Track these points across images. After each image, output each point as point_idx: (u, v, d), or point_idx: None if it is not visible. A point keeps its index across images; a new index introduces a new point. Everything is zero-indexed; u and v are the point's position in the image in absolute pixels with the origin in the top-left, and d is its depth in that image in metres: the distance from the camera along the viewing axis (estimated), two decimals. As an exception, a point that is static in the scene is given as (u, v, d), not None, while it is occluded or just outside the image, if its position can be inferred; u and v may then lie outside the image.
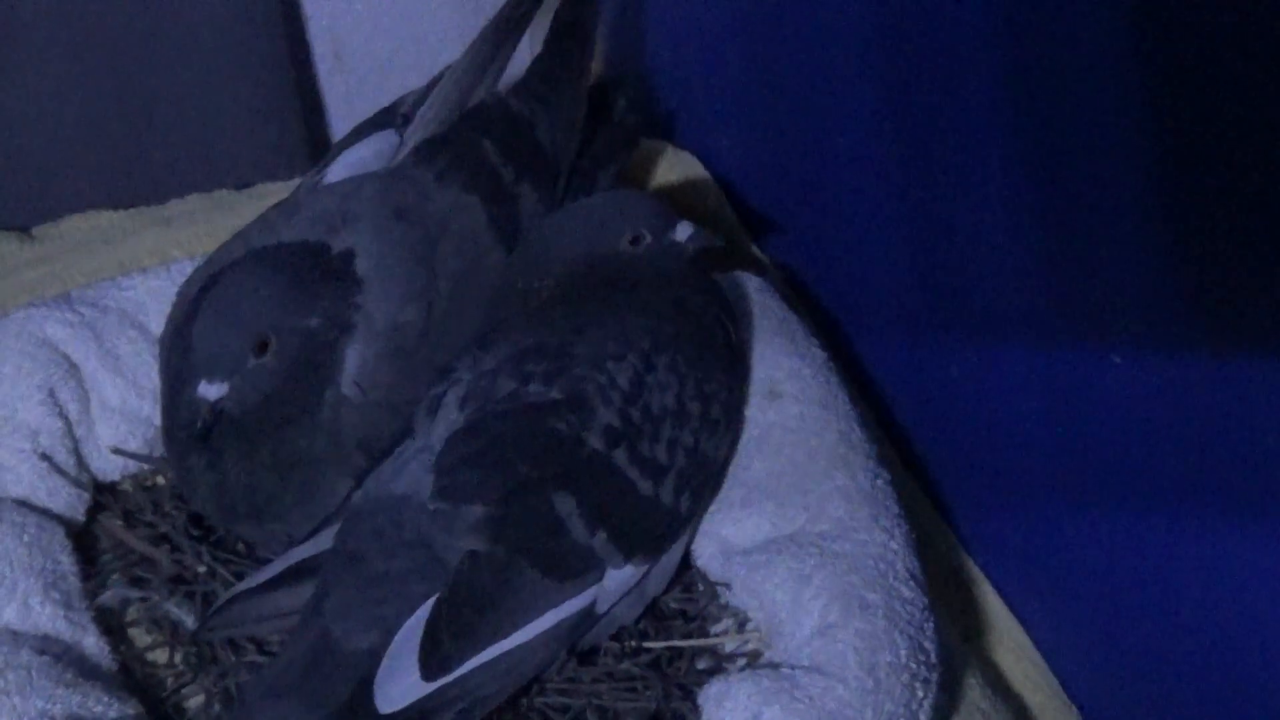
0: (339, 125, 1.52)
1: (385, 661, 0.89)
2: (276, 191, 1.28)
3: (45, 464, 1.05)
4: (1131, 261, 0.91)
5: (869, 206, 1.19)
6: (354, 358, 1.01)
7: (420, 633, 0.90)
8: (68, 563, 1.02)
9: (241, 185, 1.35)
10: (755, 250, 1.32)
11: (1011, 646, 1.10)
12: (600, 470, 0.97)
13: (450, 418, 0.98)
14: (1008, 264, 1.04)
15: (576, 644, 0.97)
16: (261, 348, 0.98)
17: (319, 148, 1.45)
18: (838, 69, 1.18)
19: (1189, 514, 0.93)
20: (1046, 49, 0.93)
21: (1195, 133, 0.84)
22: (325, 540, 0.97)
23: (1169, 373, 0.92)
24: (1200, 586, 0.94)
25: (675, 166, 1.37)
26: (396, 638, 0.90)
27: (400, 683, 0.89)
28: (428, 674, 0.89)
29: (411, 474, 0.96)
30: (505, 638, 0.91)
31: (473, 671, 0.90)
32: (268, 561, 1.01)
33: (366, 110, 1.21)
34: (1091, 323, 0.98)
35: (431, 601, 0.91)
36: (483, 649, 0.91)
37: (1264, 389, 0.84)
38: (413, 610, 0.91)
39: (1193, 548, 0.93)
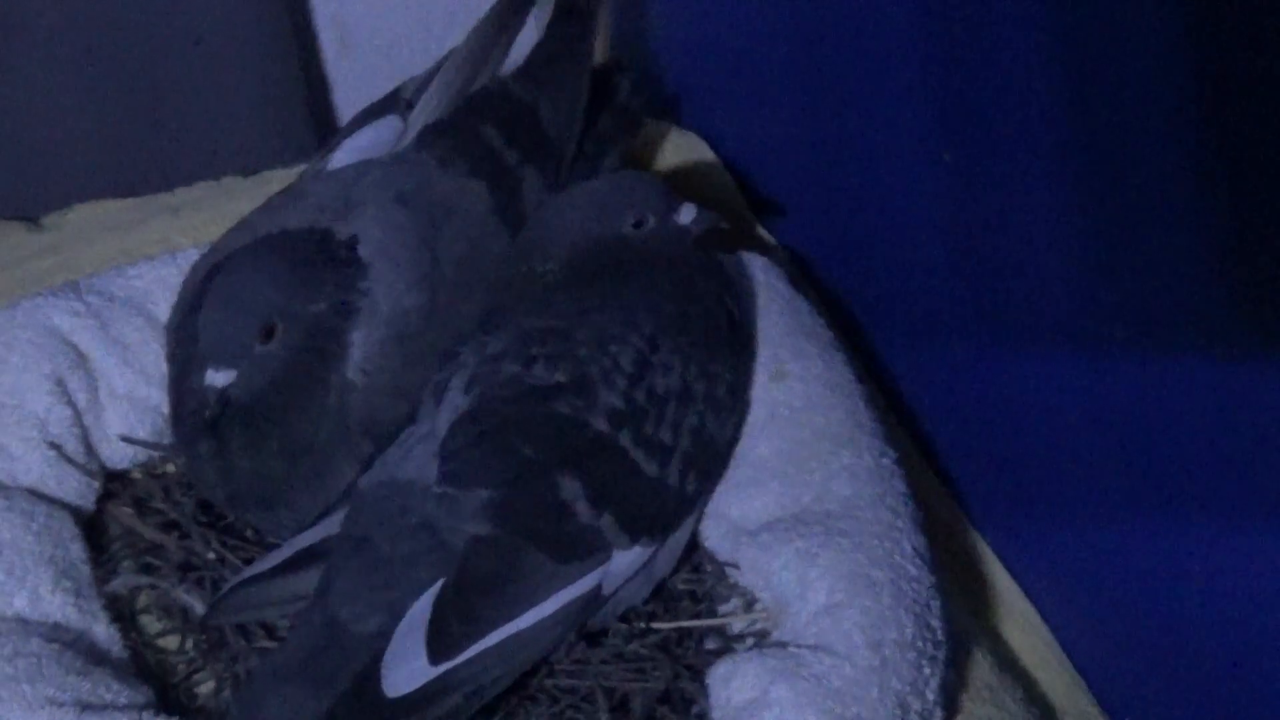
0: (346, 111, 1.52)
1: (392, 645, 0.90)
2: (283, 178, 1.27)
3: (54, 453, 1.05)
4: (1168, 260, 0.91)
5: (880, 189, 1.18)
6: (359, 343, 1.01)
7: (427, 617, 0.90)
8: (77, 551, 1.02)
9: (249, 172, 1.34)
10: (762, 232, 1.32)
11: (1021, 624, 1.10)
12: (605, 452, 0.97)
13: (455, 402, 0.98)
14: (1020, 248, 1.04)
15: (584, 626, 0.97)
16: (268, 334, 0.98)
17: (326, 134, 1.45)
18: (848, 48, 1.18)
19: (1201, 497, 0.93)
20: (1084, 33, 0.93)
21: (1241, 136, 0.83)
22: (332, 525, 0.97)
23: (1175, 360, 0.92)
24: (1210, 567, 0.94)
25: (681, 148, 1.37)
26: (403, 622, 0.90)
27: (407, 666, 0.89)
28: (435, 658, 0.89)
29: (417, 459, 0.96)
30: (512, 621, 0.92)
31: (479, 655, 0.91)
32: (276, 547, 1.01)
33: (373, 95, 1.21)
34: (1106, 309, 0.97)
35: (438, 586, 0.91)
36: (489, 632, 0.91)
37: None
38: (419, 594, 0.91)
39: (1205, 530, 0.93)
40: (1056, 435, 1.05)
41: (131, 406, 1.10)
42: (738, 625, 1.01)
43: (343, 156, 1.13)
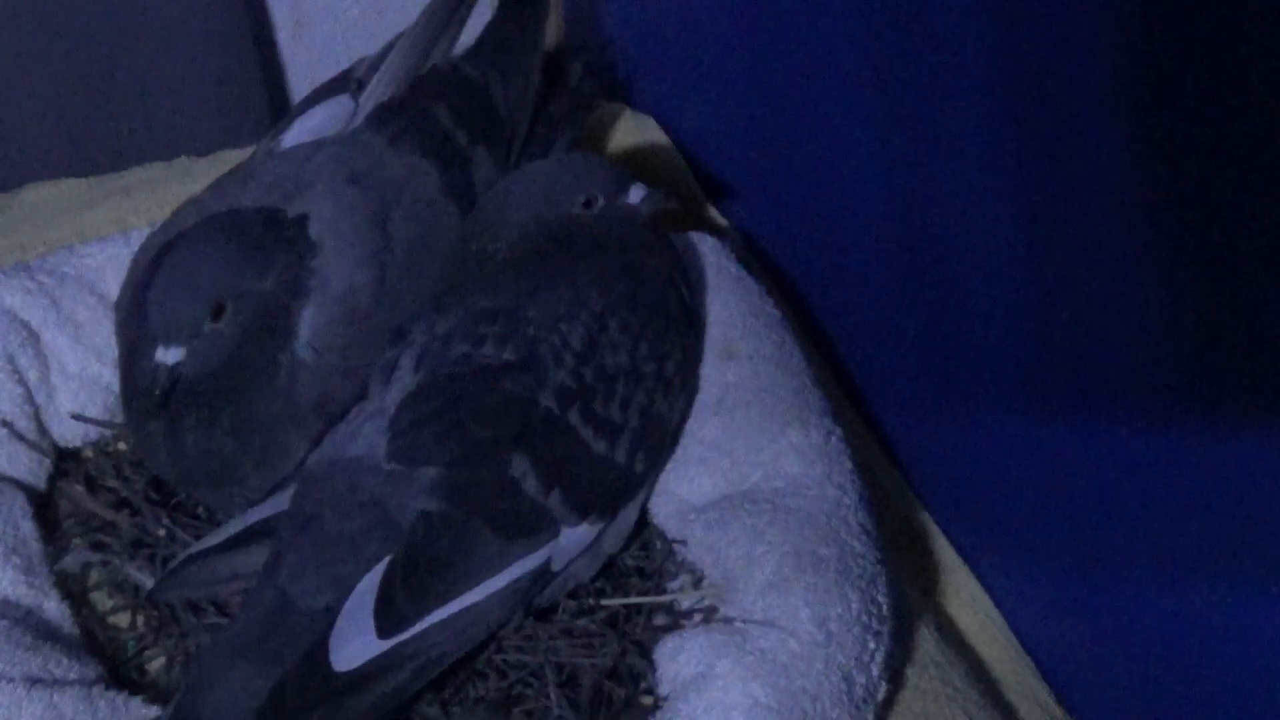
0: (300, 92, 1.52)
1: (340, 621, 0.90)
2: (237, 159, 1.27)
3: (5, 430, 1.05)
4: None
5: (829, 171, 1.19)
6: (309, 321, 1.02)
7: (375, 592, 0.91)
8: (28, 528, 1.02)
9: (202, 153, 1.34)
10: (713, 213, 1.33)
11: (968, 600, 1.11)
12: (554, 430, 0.97)
13: (404, 380, 0.99)
14: (966, 228, 1.04)
15: (533, 602, 0.98)
16: (217, 312, 0.99)
17: (280, 115, 1.44)
18: (800, 32, 1.18)
19: (1144, 480, 0.94)
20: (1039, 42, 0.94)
21: (1197, 186, 0.84)
22: (281, 502, 0.98)
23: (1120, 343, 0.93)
24: (1155, 542, 0.95)
25: (634, 130, 1.38)
26: (351, 597, 0.91)
27: (356, 641, 0.90)
28: (383, 632, 0.90)
29: (366, 436, 0.97)
30: (460, 596, 0.92)
31: (428, 630, 0.91)
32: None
33: (328, 77, 1.21)
34: (1052, 282, 0.98)
35: (386, 561, 0.92)
36: (437, 608, 0.91)
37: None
38: (368, 570, 0.92)
39: (1153, 509, 0.94)
40: (1002, 412, 1.06)
41: (83, 385, 1.10)
42: (686, 601, 1.01)
43: (294, 136, 1.13)
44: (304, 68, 1.53)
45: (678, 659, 0.94)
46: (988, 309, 1.05)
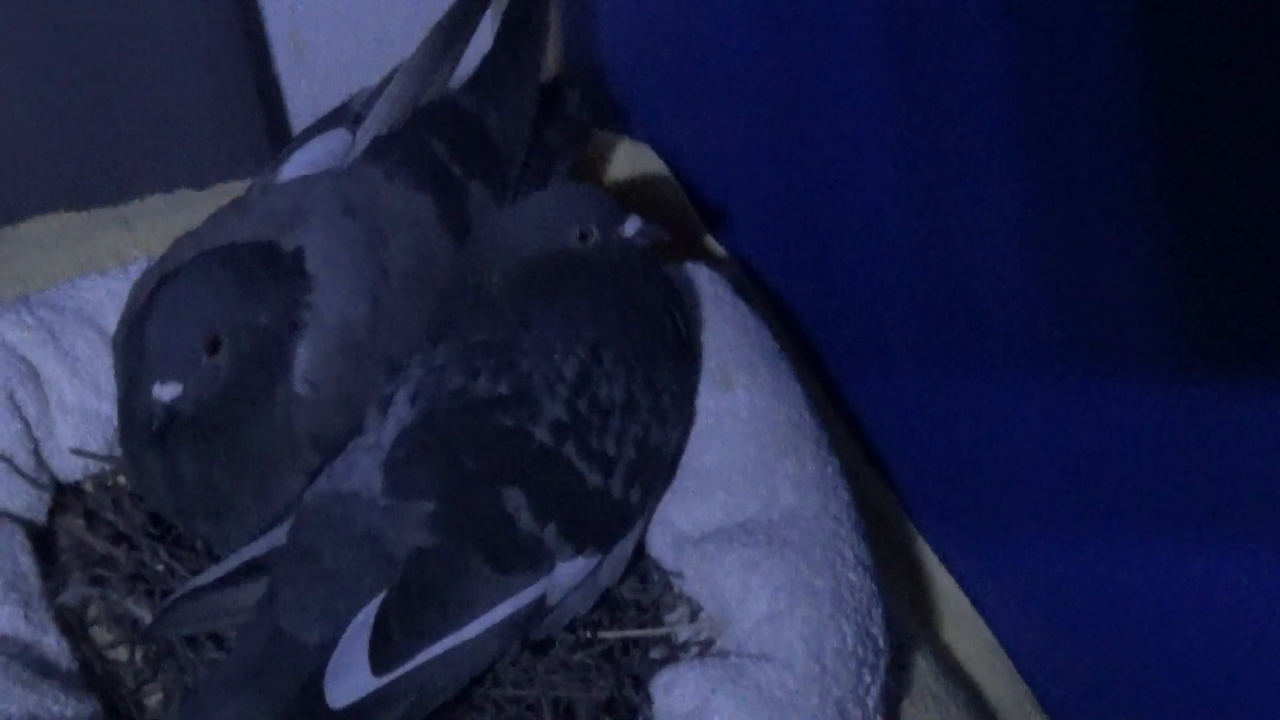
0: (300, 124, 1.53)
1: (335, 656, 0.90)
2: (236, 190, 1.27)
3: (4, 465, 1.06)
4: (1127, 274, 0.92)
5: (829, 200, 1.19)
6: (305, 355, 1.02)
7: (370, 627, 0.91)
8: (27, 563, 1.03)
9: (202, 185, 1.34)
10: (711, 243, 1.33)
11: (965, 629, 1.11)
12: (549, 464, 0.98)
13: (400, 414, 0.99)
14: (966, 257, 1.04)
15: (529, 636, 0.98)
16: (214, 347, 0.99)
17: (280, 147, 1.44)
18: (798, 61, 1.18)
19: (1145, 502, 0.94)
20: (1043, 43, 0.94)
21: (1207, 158, 0.84)
22: (278, 537, 0.98)
23: (1118, 368, 0.93)
24: (1153, 572, 0.95)
25: (631, 159, 1.38)
26: (346, 633, 0.91)
27: (351, 677, 0.90)
28: (377, 668, 0.90)
29: (362, 470, 0.97)
30: (455, 631, 0.92)
31: (423, 665, 0.91)
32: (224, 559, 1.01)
33: (327, 109, 1.21)
34: (1049, 315, 0.98)
35: (381, 596, 0.92)
36: (432, 643, 0.92)
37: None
38: (363, 605, 0.92)
39: (1149, 535, 0.94)
40: (1001, 442, 1.06)
41: (82, 419, 1.10)
42: (684, 634, 1.02)
43: (291, 169, 1.13)
44: (304, 98, 1.53)
45: (674, 692, 0.94)
46: (987, 338, 1.05)
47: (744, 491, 1.05)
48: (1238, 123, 0.80)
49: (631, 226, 1.09)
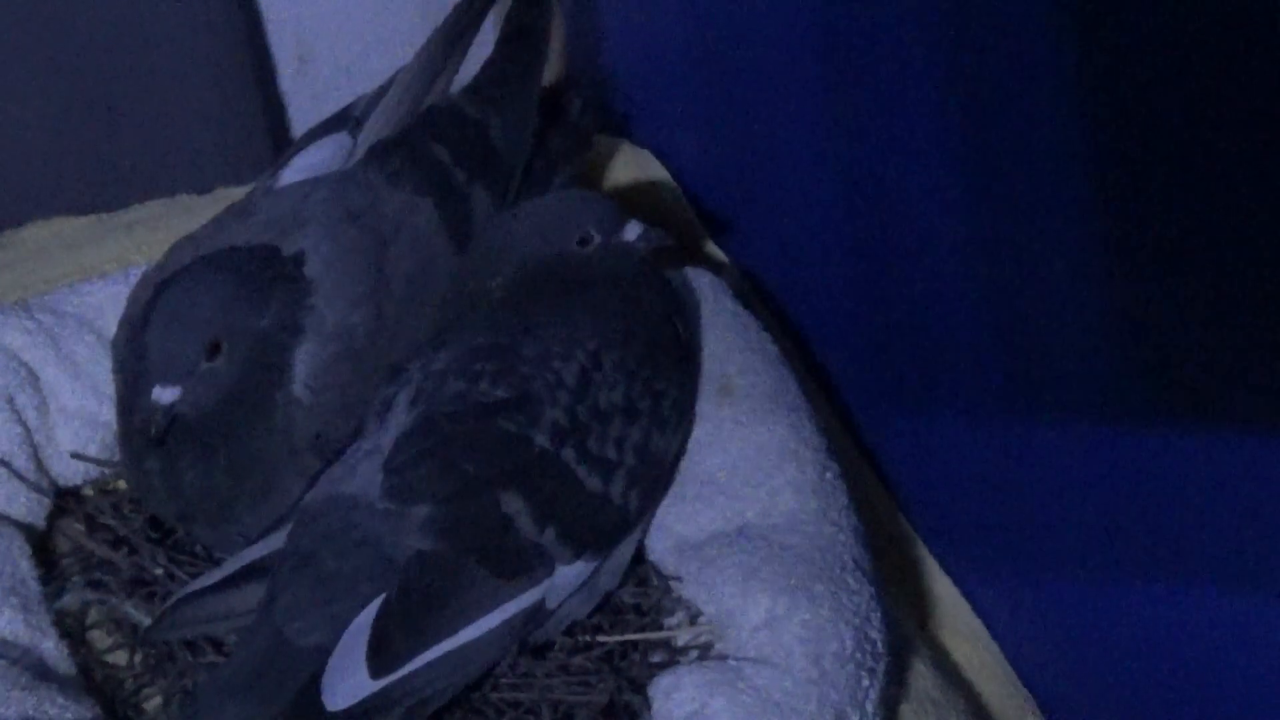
0: (303, 128, 1.50)
1: (334, 660, 0.90)
2: (238, 195, 1.27)
3: (4, 470, 1.06)
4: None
5: (829, 207, 1.19)
6: (305, 359, 1.02)
7: (369, 631, 0.91)
8: (27, 567, 1.03)
9: (204, 189, 1.35)
10: (712, 248, 1.33)
11: (967, 635, 1.11)
12: (548, 468, 0.98)
13: (400, 418, 0.99)
14: (960, 277, 1.05)
15: (528, 640, 0.98)
16: (213, 351, 0.99)
17: (282, 152, 1.45)
18: (796, 69, 1.18)
19: (1147, 513, 0.94)
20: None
21: (1160, 188, 0.84)
22: (277, 541, 0.98)
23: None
24: (1154, 579, 0.94)
25: (633, 165, 1.38)
26: (344, 636, 0.91)
27: (349, 681, 0.90)
28: (375, 672, 0.90)
29: (362, 474, 0.97)
30: (453, 635, 0.92)
31: (421, 669, 0.91)
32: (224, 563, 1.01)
33: (331, 113, 1.22)
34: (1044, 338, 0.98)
35: (380, 600, 0.92)
36: (431, 647, 0.91)
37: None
38: (362, 609, 0.92)
39: (1156, 543, 0.94)
40: (1001, 449, 1.06)
41: (83, 423, 1.10)
42: (683, 638, 1.02)
43: (292, 174, 1.14)
44: (307, 103, 1.53)
45: (673, 696, 0.94)
46: (988, 342, 1.05)
47: (744, 496, 1.05)
48: (1198, 121, 0.80)
49: (633, 231, 1.09)
